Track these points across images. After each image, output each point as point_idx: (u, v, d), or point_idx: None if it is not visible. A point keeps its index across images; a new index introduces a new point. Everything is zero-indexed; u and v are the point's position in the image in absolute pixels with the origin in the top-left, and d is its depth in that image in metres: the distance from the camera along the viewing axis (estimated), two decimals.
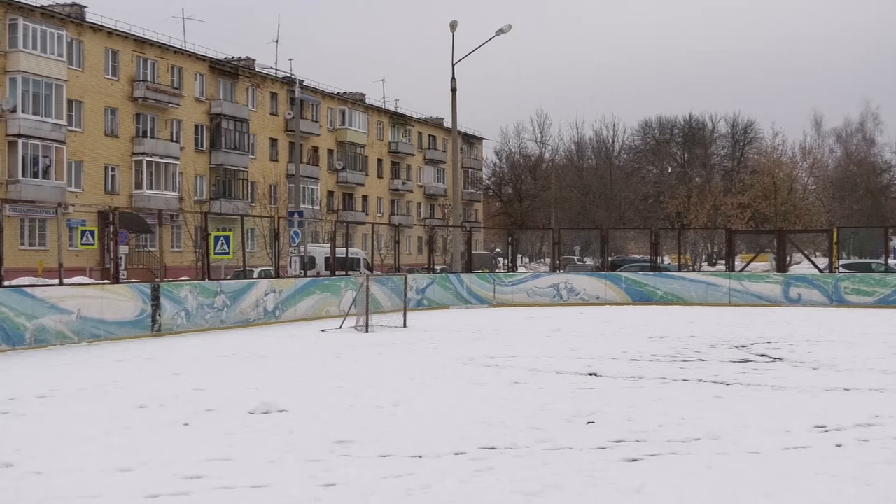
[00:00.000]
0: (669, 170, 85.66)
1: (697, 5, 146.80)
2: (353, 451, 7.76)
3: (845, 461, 7.36)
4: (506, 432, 8.46)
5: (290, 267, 31.37)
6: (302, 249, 30.12)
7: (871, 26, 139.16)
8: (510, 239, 37.04)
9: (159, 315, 19.09)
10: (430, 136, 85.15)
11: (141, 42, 50.68)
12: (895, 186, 74.04)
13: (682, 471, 7.08)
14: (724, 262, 37.52)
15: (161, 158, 51.08)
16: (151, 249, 47.25)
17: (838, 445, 7.94)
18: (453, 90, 35.74)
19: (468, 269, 32.59)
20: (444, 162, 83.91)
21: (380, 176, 76.03)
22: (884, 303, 28.09)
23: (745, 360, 14.34)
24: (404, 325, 20.74)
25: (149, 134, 51.32)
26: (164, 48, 52.35)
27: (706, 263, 55.22)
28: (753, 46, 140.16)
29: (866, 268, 34.67)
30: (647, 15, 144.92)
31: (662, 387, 11.49)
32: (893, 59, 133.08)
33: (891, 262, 37.43)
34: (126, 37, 49.72)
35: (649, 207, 72.98)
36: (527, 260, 72.46)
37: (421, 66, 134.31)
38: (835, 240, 30.31)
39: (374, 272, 29.72)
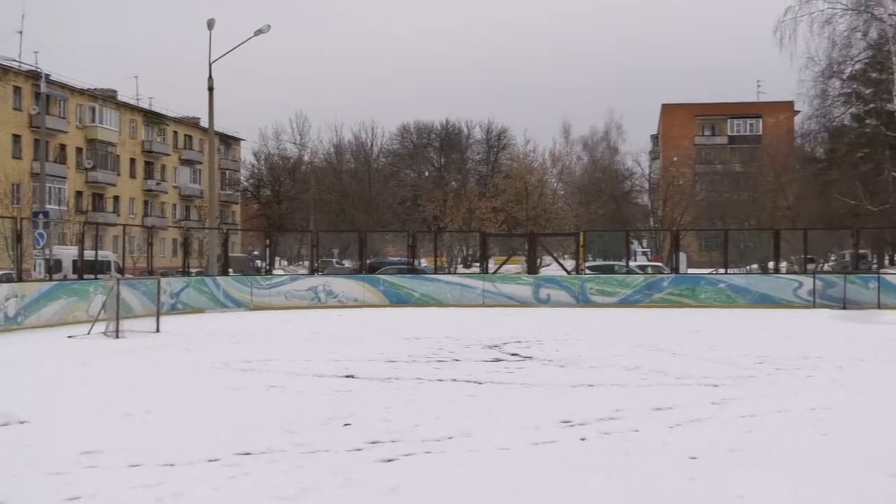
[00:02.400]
0: (427, 174, 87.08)
1: (455, 18, 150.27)
2: (101, 461, 7.44)
3: (589, 454, 7.71)
4: (261, 437, 8.35)
5: (35, 270, 29.71)
6: (47, 252, 28.60)
7: (616, 43, 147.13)
8: (268, 241, 36.66)
9: None
10: (186, 135, 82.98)
11: None
12: (636, 193, 78.16)
13: (437, 469, 7.22)
14: (478, 264, 38.52)
15: None
16: None
17: (583, 439, 8.31)
18: (210, 89, 34.98)
19: (225, 271, 31.95)
20: (200, 162, 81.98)
21: (132, 176, 73.42)
22: (626, 303, 29.67)
23: (498, 360, 14.78)
24: (157, 330, 20.07)
25: None
26: None
27: (462, 265, 56.51)
28: (507, 57, 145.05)
29: (610, 269, 36.49)
30: (409, 23, 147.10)
31: (418, 387, 11.66)
32: (635, 74, 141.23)
33: (632, 264, 39.57)
34: None
35: (407, 210, 73.93)
36: (285, 262, 71.90)
37: (177, 64, 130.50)
38: (581, 243, 31.75)
39: (126, 275, 28.64)
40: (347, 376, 12.64)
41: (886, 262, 62.94)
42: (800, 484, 6.70)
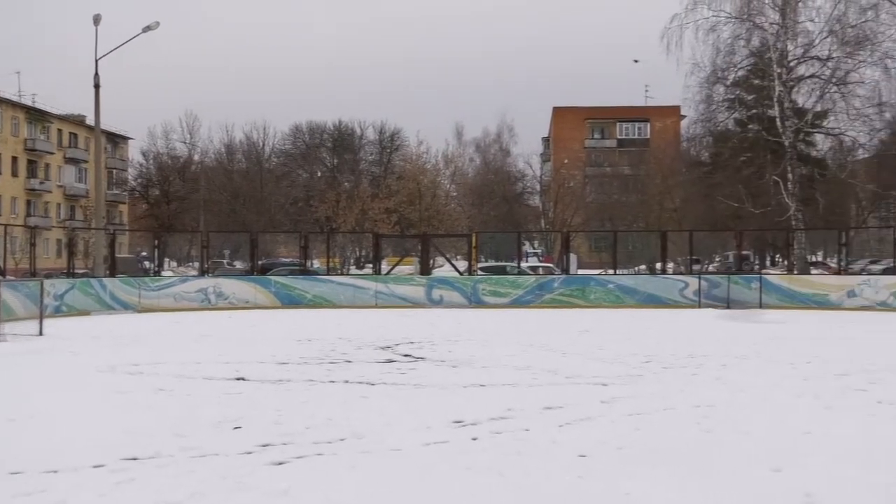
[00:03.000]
0: (319, 174, 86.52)
1: (348, 16, 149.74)
2: None
3: (481, 453, 7.76)
4: (149, 441, 8.18)
5: None
6: None
7: (509, 46, 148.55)
8: (157, 242, 35.94)
9: None
10: (71, 133, 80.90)
11: None
12: (528, 194, 79.06)
13: (328, 471, 7.18)
14: (371, 265, 38.46)
15: None
16: None
17: (474, 439, 8.36)
18: (97, 87, 34.15)
19: (112, 273, 31.21)
20: (86, 161, 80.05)
21: (14, 174, 71.29)
22: (517, 303, 29.97)
23: (390, 361, 14.77)
24: (40, 333, 19.48)
25: None
26: None
27: (354, 267, 56.31)
28: (400, 58, 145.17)
29: (502, 270, 36.81)
30: (300, 20, 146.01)
31: (310, 389, 11.58)
32: (526, 78, 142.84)
33: (524, 265, 40.00)
34: None
35: (299, 211, 73.32)
36: (174, 264, 70.55)
37: (63, 61, 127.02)
38: (474, 244, 31.94)
39: (8, 277, 27.75)
40: (238, 378, 12.48)
41: (768, 262, 64.97)
42: (685, 480, 6.86)
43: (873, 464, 7.30)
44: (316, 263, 48.23)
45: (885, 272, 36.26)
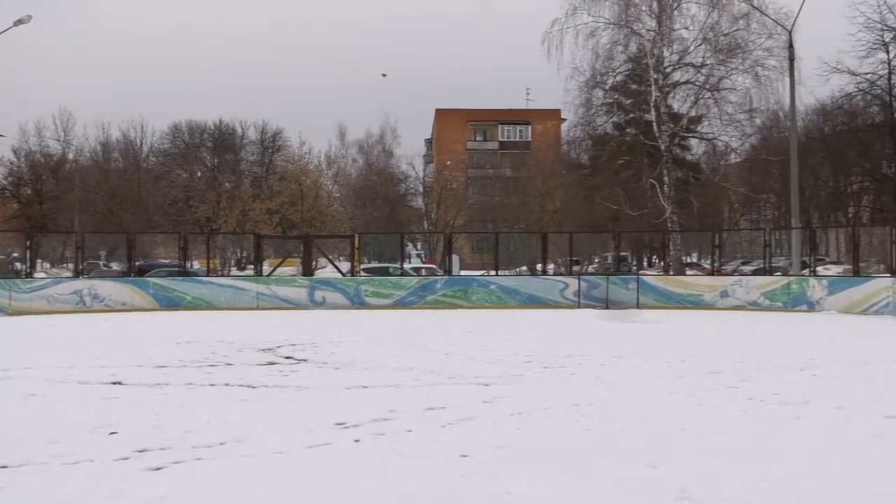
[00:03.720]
0: (199, 174, 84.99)
1: (230, 14, 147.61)
2: None
3: (363, 455, 7.75)
4: (21, 448, 7.91)
5: None
6: None
7: (391, 46, 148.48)
8: (29, 243, 34.78)
9: None
10: None
11: None
12: (411, 196, 79.19)
13: (207, 476, 7.06)
14: (252, 266, 37.96)
15: None
16: None
17: (357, 441, 8.33)
18: None
19: None
20: None
21: None
22: (400, 304, 30.01)
23: (272, 363, 14.62)
24: None
25: None
26: None
27: (235, 268, 55.52)
28: (282, 58, 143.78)
29: (385, 272, 36.81)
30: (185, 19, 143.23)
31: (189, 392, 11.38)
32: (408, 78, 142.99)
33: (407, 266, 40.07)
34: None
35: (179, 212, 71.86)
36: (48, 265, 68.34)
37: None
38: (357, 245, 31.81)
39: None
40: (114, 383, 12.17)
41: (645, 263, 66.51)
42: (565, 478, 6.97)
43: (744, 458, 7.53)
44: (196, 265, 47.40)
45: (755, 273, 37.47)
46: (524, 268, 47.06)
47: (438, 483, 6.84)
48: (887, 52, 42.47)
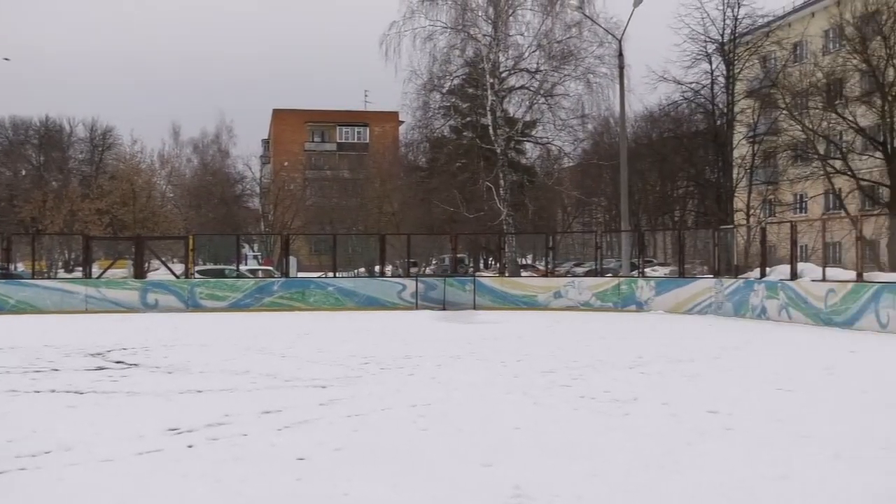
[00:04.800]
0: (24, 173, 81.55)
1: (56, 4, 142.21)
2: None
3: (197, 460, 7.59)
4: None
5: None
6: None
7: (227, 44, 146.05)
8: None
9: None
10: None
11: None
12: (247, 197, 78.05)
13: (31, 486, 6.78)
14: (81, 268, 36.68)
15: None
16: None
17: (190, 446, 8.15)
18: None
19: None
20: None
21: None
22: (236, 306, 29.54)
23: (101, 368, 14.16)
24: None
25: None
26: None
27: (63, 270, 53.55)
28: (111, 52, 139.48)
29: (220, 273, 36.20)
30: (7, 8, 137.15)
31: (12, 400, 10.90)
32: (246, 77, 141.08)
33: (243, 268, 39.48)
34: None
35: (2, 212, 68.81)
36: None
37: None
38: (191, 246, 31.21)
39: None
40: None
41: (482, 265, 67.45)
42: (401, 478, 6.99)
43: (576, 455, 7.73)
44: (20, 267, 45.52)
45: (587, 274, 38.55)
46: (362, 269, 47.05)
47: (274, 487, 6.77)
48: (710, 63, 44.34)
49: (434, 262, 54.66)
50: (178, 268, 35.24)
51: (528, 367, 14.02)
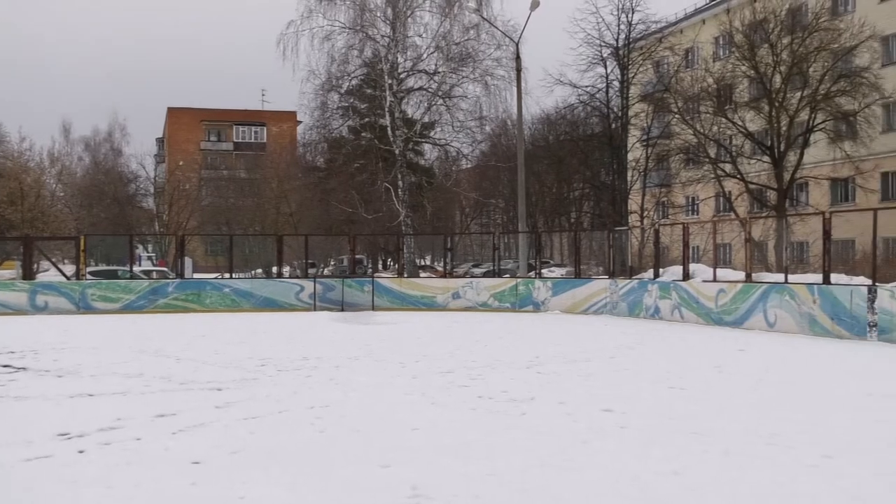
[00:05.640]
0: None
1: None
2: None
3: (88, 466, 7.41)
4: None
5: None
6: None
7: (120, 41, 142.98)
8: None
9: None
10: None
11: None
12: (141, 196, 76.65)
13: None
14: None
15: None
16: None
17: (81, 451, 7.96)
18: None
19: None
20: None
21: None
22: (130, 308, 28.92)
23: None
24: None
25: None
26: None
27: None
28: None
29: (113, 275, 35.43)
30: None
31: None
32: (140, 75, 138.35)
33: (137, 269, 38.68)
34: None
35: None
36: None
37: None
38: (82, 247, 30.41)
39: None
40: None
41: (380, 266, 67.42)
42: (298, 480, 6.95)
43: (474, 454, 7.78)
44: None
45: (485, 275, 38.81)
46: (259, 270, 46.58)
47: (168, 492, 6.65)
48: (605, 67, 45.16)
49: (332, 263, 54.45)
50: (69, 269, 34.36)
51: (426, 368, 14.06)
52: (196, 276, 40.27)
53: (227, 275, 33.60)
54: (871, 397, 11.02)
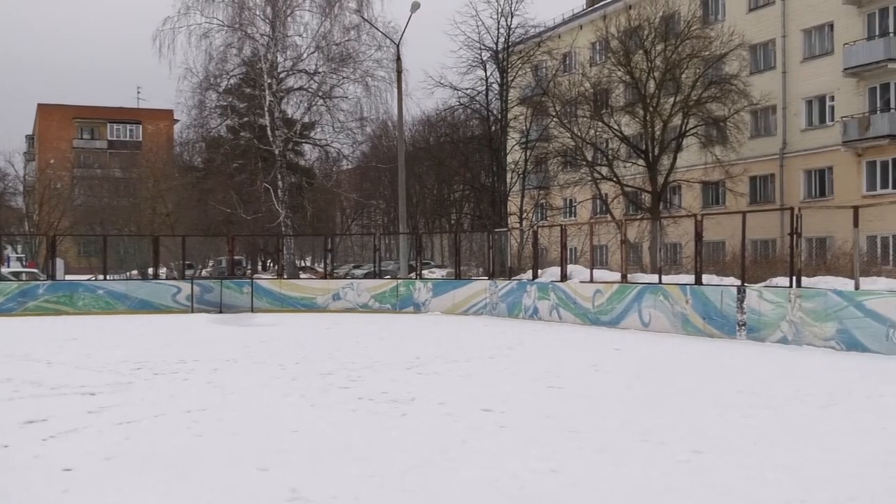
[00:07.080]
0: None
1: None
2: None
3: None
4: None
5: None
6: None
7: None
8: None
9: None
10: None
11: None
12: (10, 195, 74.17)
13: None
14: None
15: None
16: None
17: None
18: None
19: None
20: None
21: None
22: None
23: None
24: None
25: None
26: None
27: None
28: None
29: None
30: None
31: None
32: (7, 69, 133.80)
33: (5, 270, 37.45)
34: None
35: None
36: None
37: None
38: None
39: None
40: None
41: (260, 267, 66.61)
42: (175, 485, 6.83)
43: (354, 456, 7.77)
44: None
45: (366, 276, 38.80)
46: (135, 272, 45.53)
47: (38, 500, 6.47)
48: (485, 70, 45.58)
49: (210, 264, 53.59)
50: None
51: (306, 370, 13.98)
52: (68, 277, 39.16)
53: (101, 276, 32.74)
54: (741, 394, 11.39)
